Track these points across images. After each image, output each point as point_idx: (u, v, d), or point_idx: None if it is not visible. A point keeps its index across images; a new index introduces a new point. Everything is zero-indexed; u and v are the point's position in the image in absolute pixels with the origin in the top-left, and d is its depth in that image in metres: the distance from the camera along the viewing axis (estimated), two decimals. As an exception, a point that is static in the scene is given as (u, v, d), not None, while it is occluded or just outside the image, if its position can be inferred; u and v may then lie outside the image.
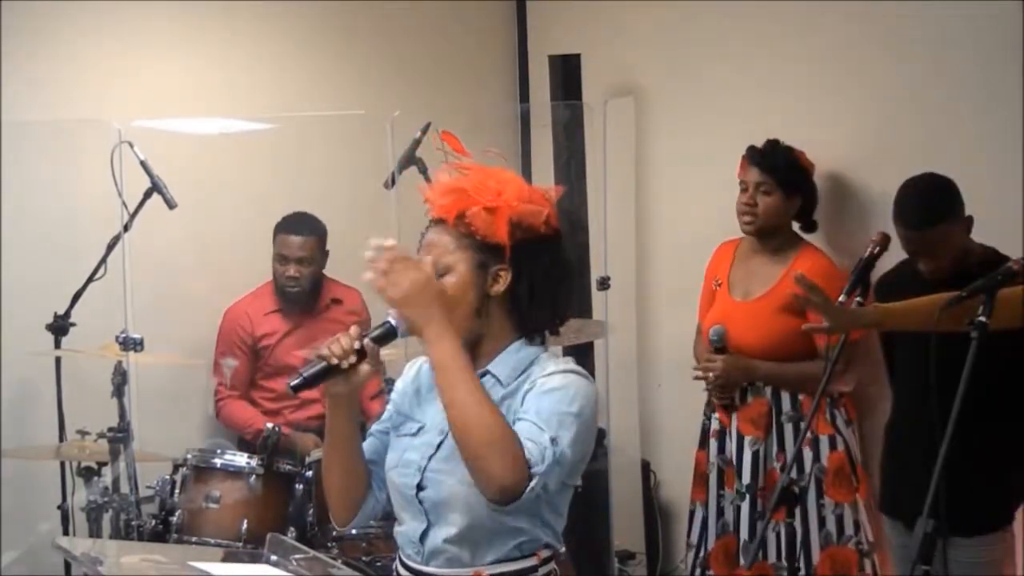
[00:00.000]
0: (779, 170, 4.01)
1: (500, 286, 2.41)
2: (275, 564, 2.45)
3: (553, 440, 2.28)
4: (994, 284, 3.05)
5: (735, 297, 4.12)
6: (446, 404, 2.29)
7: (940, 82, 3.97)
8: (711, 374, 3.98)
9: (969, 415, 2.94)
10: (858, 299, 3.55)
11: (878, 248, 3.68)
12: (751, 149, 4.07)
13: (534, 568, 2.42)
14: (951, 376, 2.92)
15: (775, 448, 3.94)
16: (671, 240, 5.01)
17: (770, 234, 4.06)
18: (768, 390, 3.99)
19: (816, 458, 3.90)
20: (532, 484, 2.25)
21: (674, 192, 4.83)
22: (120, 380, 4.19)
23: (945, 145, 3.85)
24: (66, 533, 4.37)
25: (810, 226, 4.13)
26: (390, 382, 4.10)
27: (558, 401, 2.33)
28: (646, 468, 5.07)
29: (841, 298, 3.60)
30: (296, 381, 2.35)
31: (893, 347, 3.60)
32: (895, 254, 3.65)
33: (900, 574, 3.58)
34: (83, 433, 4.25)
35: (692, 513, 4.15)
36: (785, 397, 3.97)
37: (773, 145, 4.06)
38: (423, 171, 4.25)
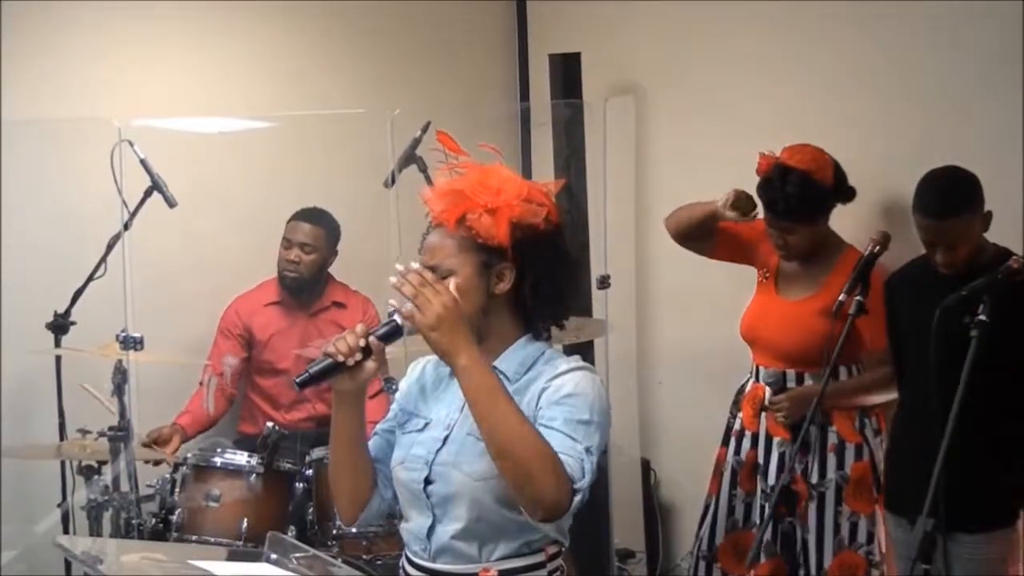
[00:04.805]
0: (793, 212, 3.80)
1: (505, 284, 2.43)
2: (275, 563, 2.46)
3: (587, 450, 2.31)
4: (995, 282, 3.06)
5: (781, 295, 4.00)
6: (487, 431, 2.28)
7: (940, 82, 3.97)
8: (779, 415, 3.81)
9: (975, 412, 2.95)
10: (858, 297, 3.55)
11: (878, 247, 3.68)
12: (761, 189, 3.85)
13: (542, 564, 2.44)
14: (953, 374, 2.93)
15: (798, 451, 3.82)
16: (671, 238, 5.01)
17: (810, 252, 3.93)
18: None
19: (840, 465, 3.82)
20: (576, 499, 2.28)
21: (674, 191, 4.81)
22: (120, 379, 4.19)
23: (945, 145, 3.84)
24: (66, 532, 4.37)
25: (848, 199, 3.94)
26: (391, 381, 4.11)
27: (578, 409, 2.34)
28: (646, 466, 5.07)
29: (841, 297, 3.60)
30: (302, 377, 2.36)
31: (900, 347, 3.59)
32: (899, 252, 3.66)
33: (901, 572, 3.58)
34: (83, 432, 4.25)
35: (706, 506, 4.10)
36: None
37: (781, 181, 3.79)
38: (423, 170, 4.25)
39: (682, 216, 4.14)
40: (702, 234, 4.11)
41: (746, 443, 4.00)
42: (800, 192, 3.78)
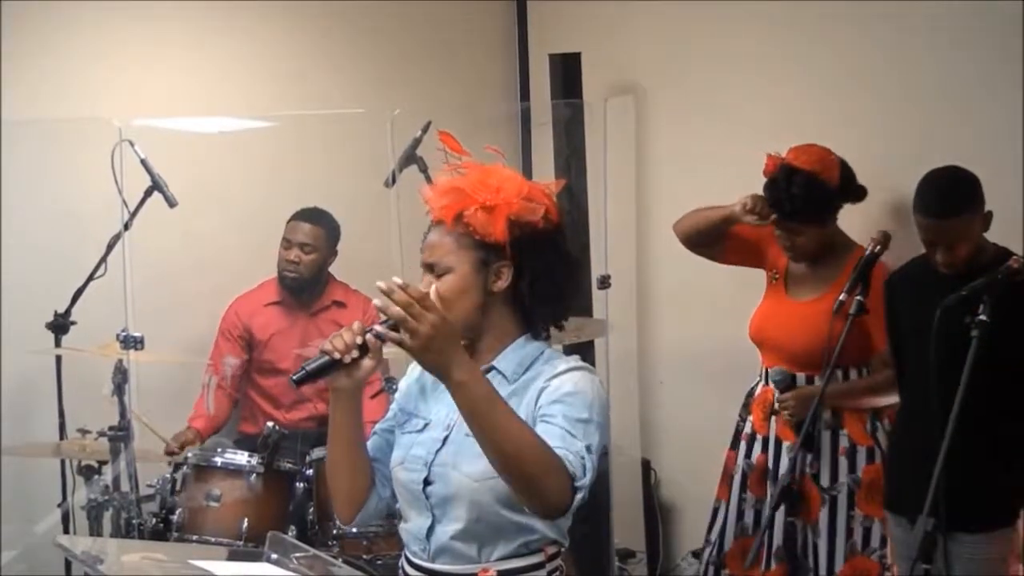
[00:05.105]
0: (800, 214, 3.78)
1: (502, 282, 2.42)
2: (275, 563, 2.45)
3: (588, 448, 2.30)
4: (995, 282, 3.06)
5: (791, 297, 3.97)
6: (489, 442, 2.23)
7: (940, 82, 3.97)
8: (785, 413, 3.82)
9: (975, 412, 2.95)
10: (858, 297, 3.55)
11: (879, 247, 3.67)
12: (767, 190, 3.84)
13: (541, 564, 2.44)
14: (954, 374, 2.93)
15: (810, 455, 3.80)
16: (671, 238, 4.99)
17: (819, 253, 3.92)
18: None
19: (851, 469, 3.79)
20: (578, 498, 2.28)
21: (674, 191, 4.83)
22: (120, 378, 4.20)
23: (945, 145, 3.84)
24: (67, 531, 4.37)
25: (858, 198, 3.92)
26: (391, 381, 4.11)
27: (577, 408, 2.34)
28: (646, 466, 5.07)
29: (841, 296, 3.59)
30: (298, 374, 2.35)
31: (900, 346, 3.60)
32: (900, 252, 3.66)
33: (902, 572, 3.58)
34: (83, 431, 4.26)
35: (715, 510, 4.08)
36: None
37: (787, 182, 3.78)
38: (423, 170, 4.25)
39: (693, 222, 4.08)
40: (713, 239, 4.07)
41: (756, 447, 3.97)
42: (806, 193, 3.76)
